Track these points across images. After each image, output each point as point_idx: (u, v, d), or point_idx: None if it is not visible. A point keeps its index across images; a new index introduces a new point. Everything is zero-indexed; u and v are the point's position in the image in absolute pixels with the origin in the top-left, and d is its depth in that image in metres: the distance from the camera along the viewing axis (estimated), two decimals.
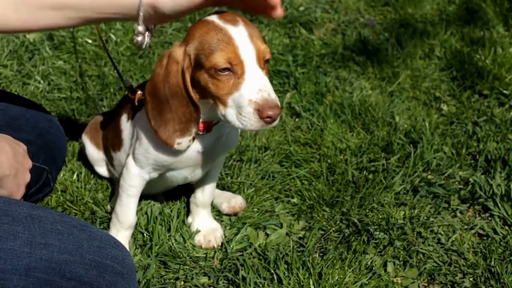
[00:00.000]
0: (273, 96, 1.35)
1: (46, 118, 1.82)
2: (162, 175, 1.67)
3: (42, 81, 2.45)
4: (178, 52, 1.41)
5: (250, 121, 1.36)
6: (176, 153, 1.56)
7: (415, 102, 2.53)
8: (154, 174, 1.65)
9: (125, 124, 1.69)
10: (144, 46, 1.45)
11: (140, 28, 1.42)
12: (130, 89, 1.61)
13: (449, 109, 2.51)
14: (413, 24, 3.15)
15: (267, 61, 1.39)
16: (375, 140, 2.24)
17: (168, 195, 1.93)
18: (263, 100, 1.34)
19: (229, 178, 2.03)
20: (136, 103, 1.59)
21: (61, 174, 1.97)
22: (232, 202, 1.89)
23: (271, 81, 2.49)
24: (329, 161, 2.12)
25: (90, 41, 2.74)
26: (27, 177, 1.42)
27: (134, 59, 2.65)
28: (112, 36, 2.78)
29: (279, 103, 1.35)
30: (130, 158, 1.63)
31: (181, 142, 1.49)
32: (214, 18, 1.41)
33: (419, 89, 2.62)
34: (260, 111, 1.34)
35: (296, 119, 2.37)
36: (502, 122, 2.38)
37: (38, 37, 2.72)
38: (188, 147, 1.51)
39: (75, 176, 1.98)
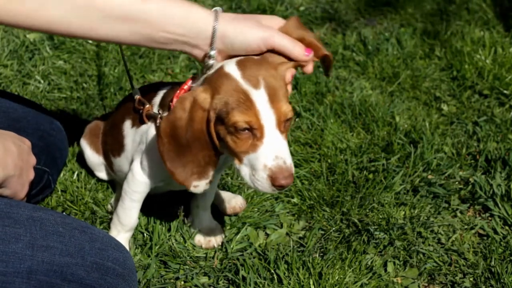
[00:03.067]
0: (289, 163, 1.34)
1: (48, 120, 1.82)
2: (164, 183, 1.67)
3: (42, 81, 2.45)
4: (203, 98, 1.36)
5: (262, 184, 1.35)
6: None
7: (415, 102, 2.53)
8: (160, 183, 1.64)
9: (129, 130, 1.66)
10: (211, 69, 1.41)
11: (213, 52, 1.38)
12: (139, 102, 1.59)
13: (449, 109, 2.51)
14: (413, 24, 3.15)
15: (288, 119, 1.37)
16: (375, 140, 2.24)
17: (168, 194, 1.94)
18: (278, 168, 1.33)
19: (229, 178, 2.03)
20: (145, 119, 1.56)
21: (62, 174, 1.97)
22: (232, 202, 1.89)
23: None
24: (329, 161, 2.12)
25: (90, 40, 2.74)
26: (31, 175, 1.41)
27: (134, 59, 2.65)
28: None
29: (293, 171, 1.35)
30: (137, 165, 1.61)
31: (198, 185, 1.46)
32: (235, 73, 1.34)
33: (419, 89, 2.62)
34: (273, 179, 1.33)
35: (296, 119, 2.37)
36: (502, 122, 2.38)
37: (38, 37, 2.72)
38: (204, 190, 1.49)
39: (75, 176, 1.98)
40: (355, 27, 3.12)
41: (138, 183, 1.62)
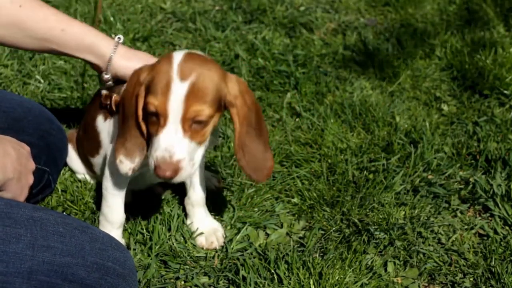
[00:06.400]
0: (175, 159, 1.38)
1: (48, 120, 1.82)
2: (145, 172, 1.67)
3: (42, 81, 2.46)
4: (142, 73, 1.45)
5: (151, 168, 1.42)
6: None
7: (415, 102, 2.53)
8: (137, 172, 1.65)
9: (102, 125, 1.70)
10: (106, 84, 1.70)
11: (107, 76, 1.67)
12: (105, 97, 1.66)
13: (450, 109, 2.51)
14: (413, 24, 3.15)
15: (200, 122, 1.40)
16: (375, 140, 2.24)
17: (167, 191, 1.94)
18: (162, 159, 1.38)
19: (229, 178, 2.03)
20: (114, 107, 1.62)
21: (62, 174, 1.97)
22: (208, 185, 1.93)
23: (271, 82, 2.49)
24: (329, 161, 2.12)
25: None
26: (30, 179, 1.42)
27: None
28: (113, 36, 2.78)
29: (180, 166, 1.39)
30: (113, 157, 1.62)
31: (123, 161, 1.51)
32: (176, 62, 1.40)
33: (420, 89, 2.62)
34: (156, 168, 1.39)
35: (297, 119, 2.37)
36: (503, 122, 2.38)
37: None
38: (126, 174, 1.53)
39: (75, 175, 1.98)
40: (355, 27, 3.12)
41: (117, 175, 1.63)
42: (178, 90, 1.36)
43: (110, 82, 1.69)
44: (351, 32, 3.05)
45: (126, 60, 1.65)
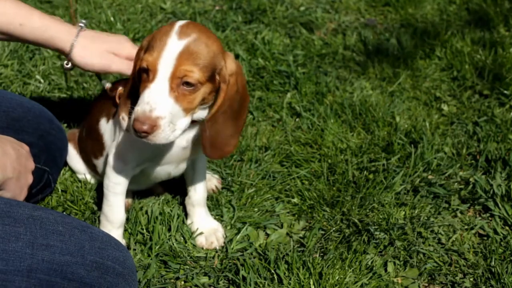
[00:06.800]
0: (154, 114, 1.34)
1: (48, 119, 1.82)
2: (145, 171, 1.67)
3: (42, 81, 2.46)
4: (145, 40, 1.47)
5: (131, 123, 1.39)
6: (160, 147, 1.54)
7: (415, 102, 2.53)
8: (138, 169, 1.65)
9: (106, 127, 1.71)
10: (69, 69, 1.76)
11: (69, 66, 1.73)
12: (111, 89, 1.67)
13: (450, 109, 2.51)
14: (413, 24, 3.15)
15: (188, 83, 1.38)
16: (375, 140, 2.24)
17: (168, 191, 1.94)
18: (142, 112, 1.35)
19: (229, 178, 2.03)
20: (118, 100, 1.61)
21: (62, 174, 1.97)
22: (208, 185, 1.92)
23: (271, 82, 2.49)
24: (329, 161, 2.12)
25: None
26: (30, 179, 1.43)
27: None
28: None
29: (158, 123, 1.35)
30: (113, 155, 1.63)
31: (125, 119, 1.51)
32: (178, 24, 1.42)
33: (420, 89, 2.62)
34: (134, 121, 1.36)
35: (297, 119, 2.37)
36: (503, 122, 2.38)
37: None
38: (127, 130, 1.52)
39: (75, 175, 1.98)
40: (355, 27, 3.12)
41: (117, 173, 1.63)
42: (173, 48, 1.36)
43: (69, 68, 1.74)
44: (351, 32, 3.05)
45: (82, 57, 1.69)
